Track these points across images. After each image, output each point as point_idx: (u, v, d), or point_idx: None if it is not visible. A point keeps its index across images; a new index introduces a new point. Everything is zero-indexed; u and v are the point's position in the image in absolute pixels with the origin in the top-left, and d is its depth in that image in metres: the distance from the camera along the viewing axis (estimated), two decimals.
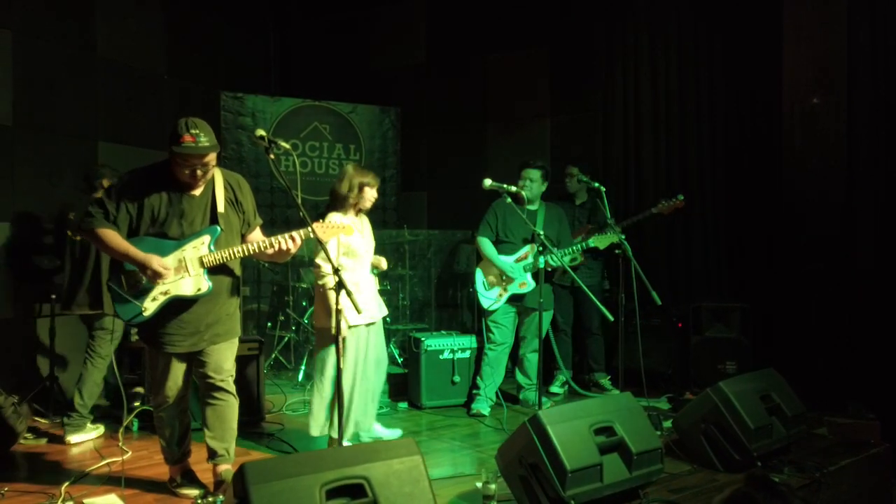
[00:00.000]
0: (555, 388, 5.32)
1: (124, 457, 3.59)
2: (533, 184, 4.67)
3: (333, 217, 3.66)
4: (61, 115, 5.03)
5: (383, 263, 4.02)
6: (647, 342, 4.71)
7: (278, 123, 6.71)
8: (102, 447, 3.91)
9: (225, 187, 3.15)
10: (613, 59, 6.06)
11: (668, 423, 4.02)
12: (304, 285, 6.06)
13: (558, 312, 5.25)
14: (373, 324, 3.91)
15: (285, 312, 5.94)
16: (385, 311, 4.08)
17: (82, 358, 4.16)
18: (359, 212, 3.90)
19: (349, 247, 3.76)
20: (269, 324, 6.23)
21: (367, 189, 3.80)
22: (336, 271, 2.69)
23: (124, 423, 3.96)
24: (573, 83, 6.36)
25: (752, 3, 5.34)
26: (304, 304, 5.99)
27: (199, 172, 2.98)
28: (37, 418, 4.49)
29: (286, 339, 5.97)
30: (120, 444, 3.63)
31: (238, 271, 3.25)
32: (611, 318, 3.65)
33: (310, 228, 2.98)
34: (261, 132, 2.83)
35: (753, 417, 3.46)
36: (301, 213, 2.87)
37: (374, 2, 7.33)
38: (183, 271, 3.01)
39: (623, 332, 4.23)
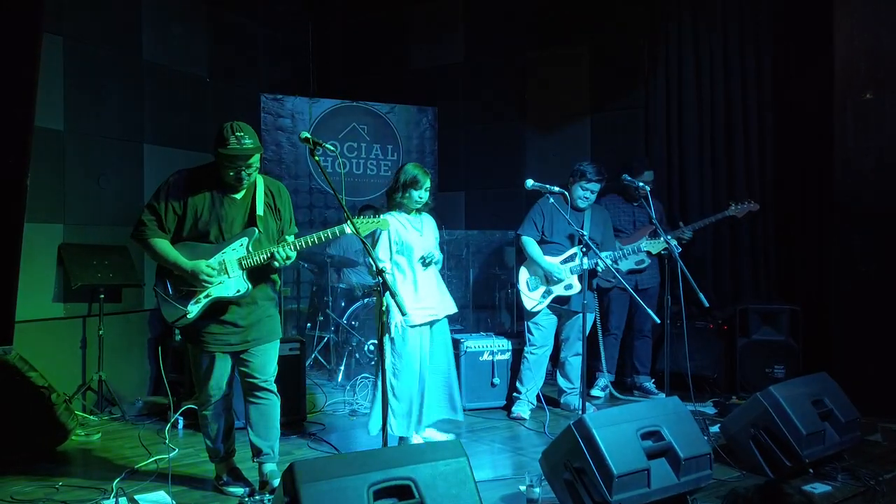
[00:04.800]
0: (595, 392, 5.24)
1: (171, 454, 3.65)
2: (593, 196, 4.64)
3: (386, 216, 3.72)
4: (108, 118, 5.15)
5: (431, 257, 3.83)
6: (692, 345, 4.61)
7: (317, 125, 6.75)
8: (150, 445, 3.98)
9: (265, 192, 3.25)
10: (656, 55, 5.93)
11: (715, 429, 3.93)
12: (343, 286, 6.10)
13: (614, 315, 5.18)
14: (436, 321, 3.91)
15: (325, 313, 5.98)
16: (452, 309, 4.01)
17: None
18: (418, 211, 3.90)
19: (404, 244, 3.78)
20: (309, 324, 6.28)
21: (412, 191, 3.78)
22: (380, 272, 2.69)
23: (170, 422, 4.03)
24: (614, 80, 6.24)
25: None
26: (342, 304, 6.02)
27: (243, 174, 3.07)
28: (87, 415, 4.61)
29: (326, 339, 6.01)
30: (166, 441, 3.69)
31: (275, 273, 3.32)
32: (657, 320, 3.58)
33: (348, 224, 3.02)
34: (305, 134, 2.87)
35: (805, 422, 3.36)
36: (345, 214, 2.90)
37: (412, 1, 7.34)
38: (223, 273, 3.09)
39: (668, 335, 4.14)
